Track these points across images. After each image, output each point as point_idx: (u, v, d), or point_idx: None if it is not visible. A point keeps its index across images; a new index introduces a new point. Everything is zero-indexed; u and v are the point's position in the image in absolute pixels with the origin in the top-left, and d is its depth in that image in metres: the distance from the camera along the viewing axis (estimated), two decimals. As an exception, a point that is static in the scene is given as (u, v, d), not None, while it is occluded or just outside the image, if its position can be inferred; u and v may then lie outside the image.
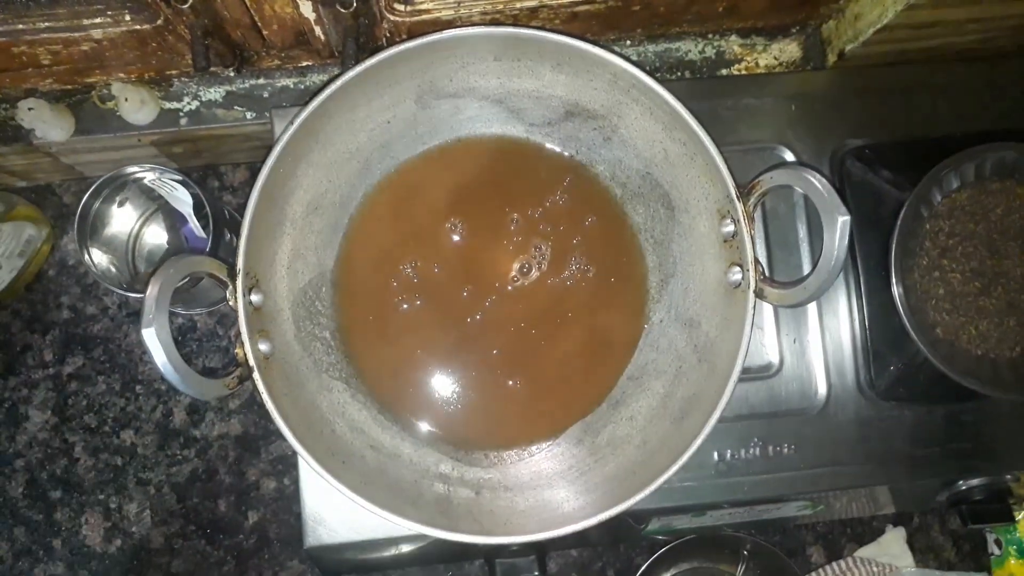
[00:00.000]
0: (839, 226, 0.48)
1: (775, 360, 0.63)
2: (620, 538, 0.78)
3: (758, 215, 0.63)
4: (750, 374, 0.62)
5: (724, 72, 0.69)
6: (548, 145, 0.61)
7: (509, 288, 0.60)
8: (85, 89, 0.66)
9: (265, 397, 0.50)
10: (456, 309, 0.60)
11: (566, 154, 0.61)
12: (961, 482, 0.65)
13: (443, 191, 0.60)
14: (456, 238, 0.60)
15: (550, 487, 0.57)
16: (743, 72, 0.69)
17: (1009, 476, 0.64)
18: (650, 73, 0.52)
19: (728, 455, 0.61)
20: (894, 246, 0.59)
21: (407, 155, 0.60)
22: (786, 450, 0.61)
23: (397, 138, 0.59)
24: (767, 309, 0.63)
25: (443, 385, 0.60)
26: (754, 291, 0.52)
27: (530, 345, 0.60)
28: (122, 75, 0.64)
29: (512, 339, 0.60)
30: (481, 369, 0.60)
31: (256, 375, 0.50)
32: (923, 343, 0.58)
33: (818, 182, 0.49)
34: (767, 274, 0.53)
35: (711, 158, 0.52)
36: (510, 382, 0.60)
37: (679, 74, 0.68)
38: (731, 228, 0.53)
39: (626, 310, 0.61)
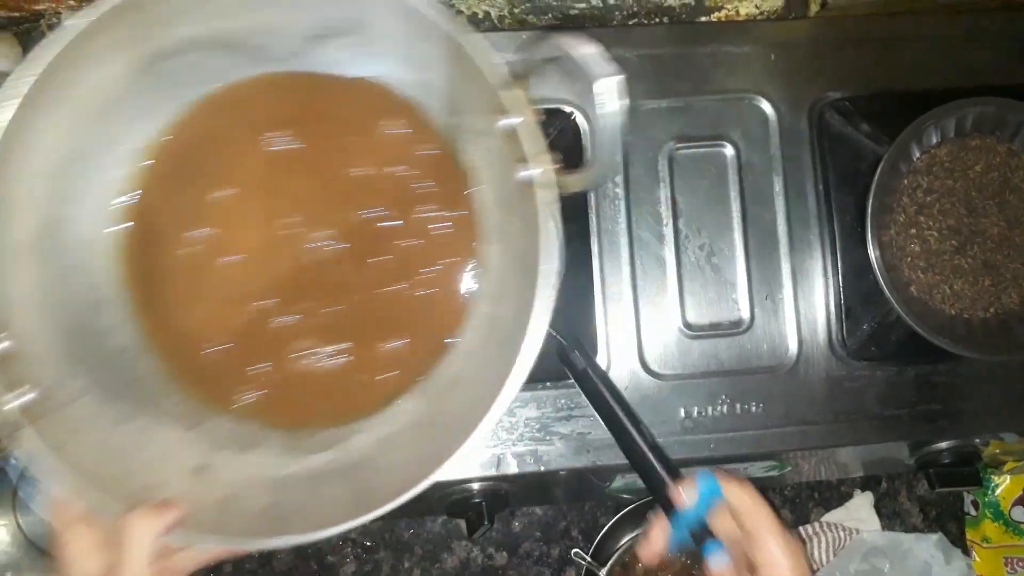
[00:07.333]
0: (607, 87, 0.42)
1: (746, 316, 0.61)
2: (584, 496, 0.77)
3: (743, 169, 0.61)
4: (720, 330, 0.61)
5: (703, 20, 0.67)
6: (315, 72, 0.54)
7: (303, 243, 0.53)
8: None
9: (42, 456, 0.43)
10: (261, 280, 0.53)
11: (344, 76, 0.54)
12: (930, 445, 0.64)
13: (213, 155, 0.53)
14: (238, 201, 0.53)
15: (402, 447, 0.51)
16: (723, 20, 0.67)
17: (978, 440, 0.64)
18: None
19: (695, 412, 0.60)
20: (871, 201, 0.58)
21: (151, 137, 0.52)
22: (754, 408, 0.60)
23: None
24: (739, 265, 0.62)
25: (263, 365, 0.53)
26: (544, 181, 0.45)
27: (351, 302, 0.54)
28: None
29: (330, 300, 0.54)
30: (299, 341, 0.53)
31: (25, 432, 0.43)
32: (897, 301, 0.57)
33: (576, 42, 0.43)
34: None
35: (464, 52, 0.46)
36: (335, 348, 0.53)
37: (657, 20, 0.66)
38: (509, 121, 0.46)
39: (451, 241, 0.55)
